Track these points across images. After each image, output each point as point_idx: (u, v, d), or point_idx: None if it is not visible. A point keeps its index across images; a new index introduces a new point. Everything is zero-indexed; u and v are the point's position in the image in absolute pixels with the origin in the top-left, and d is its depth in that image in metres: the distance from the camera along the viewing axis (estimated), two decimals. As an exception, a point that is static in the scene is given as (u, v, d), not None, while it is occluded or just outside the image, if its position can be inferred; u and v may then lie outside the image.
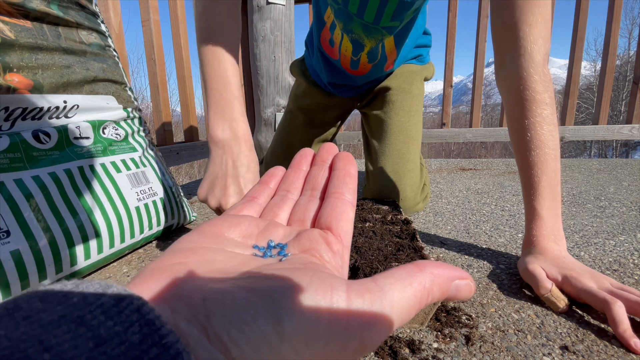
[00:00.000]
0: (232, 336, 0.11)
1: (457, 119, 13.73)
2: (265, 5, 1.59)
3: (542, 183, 0.48)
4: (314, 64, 0.97)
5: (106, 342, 0.09)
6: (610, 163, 1.44)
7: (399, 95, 0.86)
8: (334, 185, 0.21)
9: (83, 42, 0.62)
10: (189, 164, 5.91)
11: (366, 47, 0.79)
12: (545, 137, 0.47)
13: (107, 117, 0.64)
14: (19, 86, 0.50)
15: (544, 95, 0.47)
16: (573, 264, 0.45)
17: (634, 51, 3.63)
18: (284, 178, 0.23)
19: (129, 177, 0.63)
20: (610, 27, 1.52)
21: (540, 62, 0.47)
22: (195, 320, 0.11)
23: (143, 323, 0.10)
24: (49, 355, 0.08)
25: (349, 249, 0.18)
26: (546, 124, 0.47)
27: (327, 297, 0.12)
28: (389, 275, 0.14)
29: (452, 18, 1.68)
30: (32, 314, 0.09)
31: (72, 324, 0.09)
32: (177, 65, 1.42)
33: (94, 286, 0.11)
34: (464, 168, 1.45)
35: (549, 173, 0.47)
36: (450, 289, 0.14)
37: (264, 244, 0.17)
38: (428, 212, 0.84)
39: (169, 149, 1.29)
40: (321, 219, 0.19)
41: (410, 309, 0.13)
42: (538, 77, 0.47)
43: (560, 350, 0.35)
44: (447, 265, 0.15)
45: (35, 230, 0.47)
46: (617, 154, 12.71)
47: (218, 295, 0.12)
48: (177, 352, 0.09)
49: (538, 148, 0.47)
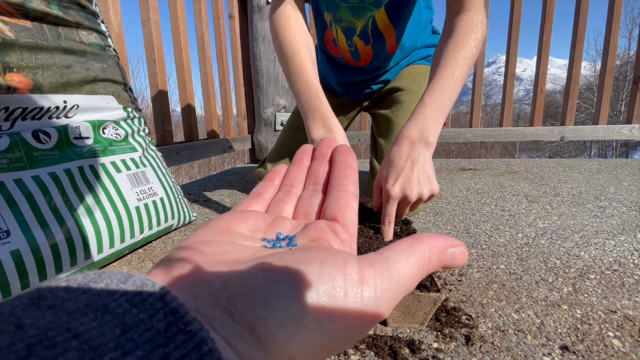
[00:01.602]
0: (257, 314, 0.11)
1: (457, 119, 13.71)
2: (265, 5, 1.59)
3: (441, 86, 0.55)
4: (319, 67, 0.97)
5: (132, 329, 0.09)
6: (610, 163, 1.44)
7: (407, 95, 0.87)
8: (336, 178, 0.21)
9: (83, 42, 0.62)
10: (189, 164, 5.90)
11: (357, 28, 0.79)
12: (460, 59, 0.56)
13: (107, 117, 0.64)
14: (19, 86, 0.50)
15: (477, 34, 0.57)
16: (405, 162, 0.51)
17: (634, 51, 3.63)
18: (286, 174, 0.24)
19: (129, 177, 0.63)
20: (610, 27, 1.52)
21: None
22: (217, 303, 0.11)
23: (167, 311, 0.10)
24: (77, 342, 0.08)
25: (356, 238, 0.19)
26: (466, 55, 0.56)
27: (341, 270, 0.13)
28: (392, 247, 0.15)
29: (452, 18, 1.68)
30: (57, 302, 0.09)
31: (98, 312, 0.09)
32: (177, 65, 1.42)
33: (116, 276, 0.11)
34: (464, 168, 1.45)
35: (447, 84, 0.55)
36: (446, 257, 0.15)
37: (272, 236, 0.18)
38: (428, 212, 0.84)
39: (169, 149, 1.29)
40: (326, 211, 0.19)
41: (414, 277, 0.14)
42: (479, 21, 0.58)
43: (560, 350, 0.35)
44: (442, 235, 0.16)
45: (35, 230, 0.47)
46: (617, 154, 12.71)
47: (238, 278, 0.12)
48: (202, 339, 0.09)
49: (454, 65, 0.56)
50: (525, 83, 78.16)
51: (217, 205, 0.98)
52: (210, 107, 1.64)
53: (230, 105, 1.77)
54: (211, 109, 1.64)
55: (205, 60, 1.56)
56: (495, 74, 70.02)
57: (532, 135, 1.65)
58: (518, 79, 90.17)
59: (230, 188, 1.22)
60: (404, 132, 0.54)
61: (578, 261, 0.55)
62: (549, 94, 24.57)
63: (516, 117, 18.77)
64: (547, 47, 1.60)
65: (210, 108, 1.64)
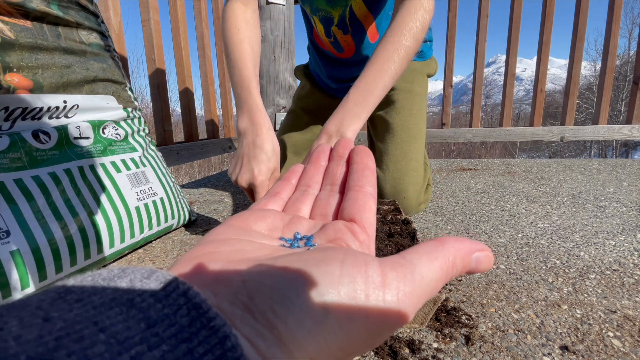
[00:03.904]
0: (277, 312, 0.11)
1: (457, 119, 13.72)
2: (265, 5, 1.59)
3: (366, 81, 0.55)
4: (312, 64, 0.97)
5: (157, 323, 0.09)
6: (610, 163, 1.44)
7: (401, 94, 0.86)
8: (354, 179, 0.21)
9: (83, 42, 0.62)
10: (189, 164, 5.90)
11: (334, 18, 0.79)
12: (393, 55, 0.56)
13: (107, 117, 0.64)
14: (19, 86, 0.50)
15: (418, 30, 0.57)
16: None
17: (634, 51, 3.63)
18: (303, 173, 0.24)
19: (129, 177, 0.63)
20: (610, 27, 1.52)
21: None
22: (237, 301, 0.11)
23: (190, 306, 0.10)
24: (104, 335, 0.08)
25: (374, 240, 0.18)
26: (402, 48, 0.56)
27: (363, 271, 0.12)
28: (414, 250, 0.14)
29: (452, 18, 1.68)
30: (84, 297, 0.09)
31: (124, 306, 0.09)
32: (177, 65, 1.42)
33: (139, 271, 0.11)
34: (464, 168, 1.45)
35: (373, 78, 0.55)
36: (471, 262, 0.15)
37: (290, 236, 0.18)
38: (428, 212, 0.84)
39: (169, 149, 1.29)
40: (344, 211, 0.19)
41: (438, 280, 0.14)
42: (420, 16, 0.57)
43: (560, 350, 0.35)
44: (466, 239, 0.15)
45: (35, 230, 0.47)
46: (617, 154, 12.71)
47: (257, 277, 0.12)
48: (225, 335, 0.09)
49: (384, 59, 0.56)
50: (525, 83, 78.12)
51: (217, 205, 0.98)
52: (210, 107, 1.64)
53: (230, 105, 1.77)
54: (211, 109, 1.64)
55: (205, 60, 1.56)
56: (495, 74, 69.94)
57: (532, 135, 1.65)
58: (518, 79, 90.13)
59: (230, 188, 1.22)
60: (324, 126, 0.55)
61: (578, 261, 0.55)
62: (549, 94, 24.60)
63: (516, 117, 18.78)
64: (547, 47, 1.60)
65: (210, 108, 1.64)
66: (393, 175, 0.79)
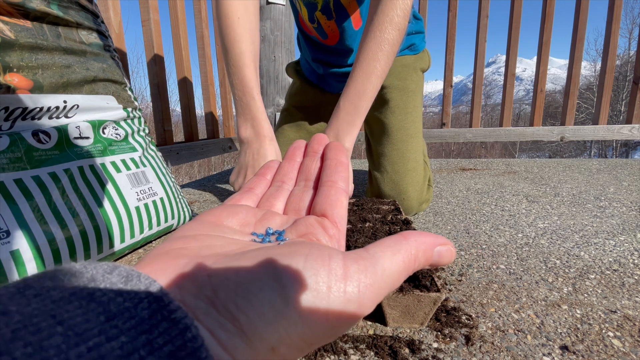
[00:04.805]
0: (240, 305, 0.11)
1: (457, 119, 13.72)
2: (265, 5, 1.59)
3: (355, 86, 0.54)
4: (301, 54, 0.96)
5: (117, 316, 0.09)
6: (610, 163, 1.44)
7: (394, 93, 0.83)
8: (327, 175, 0.21)
9: (83, 42, 0.62)
10: (189, 164, 5.90)
11: (318, 3, 0.77)
12: (380, 56, 0.55)
13: (107, 117, 0.64)
14: (19, 86, 0.50)
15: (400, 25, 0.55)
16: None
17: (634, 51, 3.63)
18: (278, 169, 0.24)
19: (129, 177, 0.63)
20: (610, 27, 1.52)
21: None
22: (201, 294, 0.11)
23: (152, 299, 0.10)
24: (62, 328, 0.08)
25: (345, 234, 0.19)
26: (387, 45, 0.55)
27: (326, 264, 0.13)
28: (378, 244, 0.15)
29: (452, 18, 1.68)
30: (43, 291, 0.09)
31: (83, 300, 0.09)
32: (177, 65, 1.42)
33: (102, 267, 0.11)
34: (464, 168, 1.45)
35: (361, 81, 0.54)
36: (433, 255, 0.15)
37: (262, 231, 0.18)
38: (428, 212, 0.84)
39: (169, 149, 1.29)
40: (316, 206, 0.19)
41: (400, 273, 0.14)
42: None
43: (560, 350, 0.35)
44: (429, 233, 0.16)
45: (35, 230, 0.47)
46: (617, 154, 12.71)
47: (222, 271, 0.12)
48: (186, 326, 0.10)
49: (369, 59, 0.54)
50: (525, 83, 78.07)
51: (217, 205, 0.98)
52: (210, 107, 1.64)
53: (230, 105, 1.77)
54: (211, 108, 1.64)
55: (205, 60, 1.56)
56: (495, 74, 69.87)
57: (532, 135, 1.65)
58: (518, 79, 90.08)
59: (231, 188, 1.22)
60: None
61: (578, 261, 0.55)
62: (549, 94, 24.57)
63: (516, 117, 18.77)
64: (547, 47, 1.60)
65: (210, 108, 1.64)
66: (392, 177, 0.79)
